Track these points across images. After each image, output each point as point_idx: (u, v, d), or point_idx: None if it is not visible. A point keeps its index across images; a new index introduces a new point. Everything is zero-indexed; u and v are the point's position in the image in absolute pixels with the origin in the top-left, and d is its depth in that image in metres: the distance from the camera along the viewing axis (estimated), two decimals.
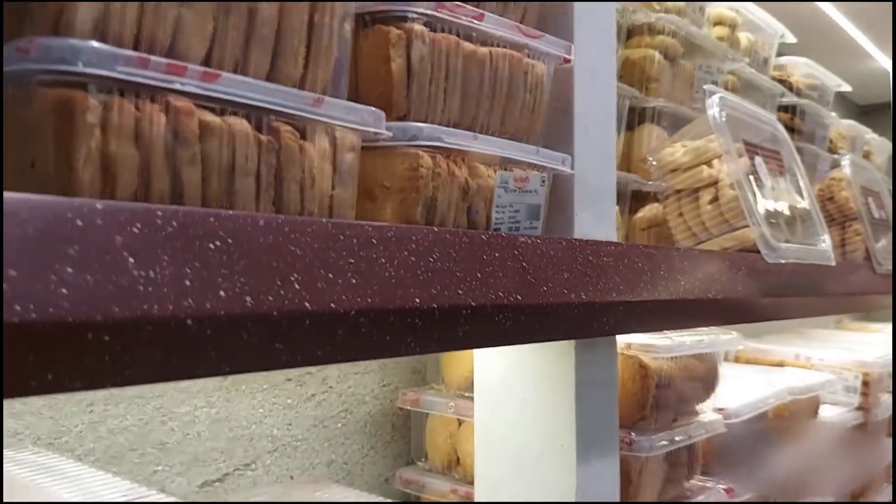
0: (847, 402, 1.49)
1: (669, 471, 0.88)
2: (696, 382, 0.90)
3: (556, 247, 0.65)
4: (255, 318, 0.42)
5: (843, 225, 1.50)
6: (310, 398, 0.92)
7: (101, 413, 0.73)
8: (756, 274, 0.97)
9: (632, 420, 0.82)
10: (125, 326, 0.36)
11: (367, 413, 0.98)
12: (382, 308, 0.49)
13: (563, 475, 0.73)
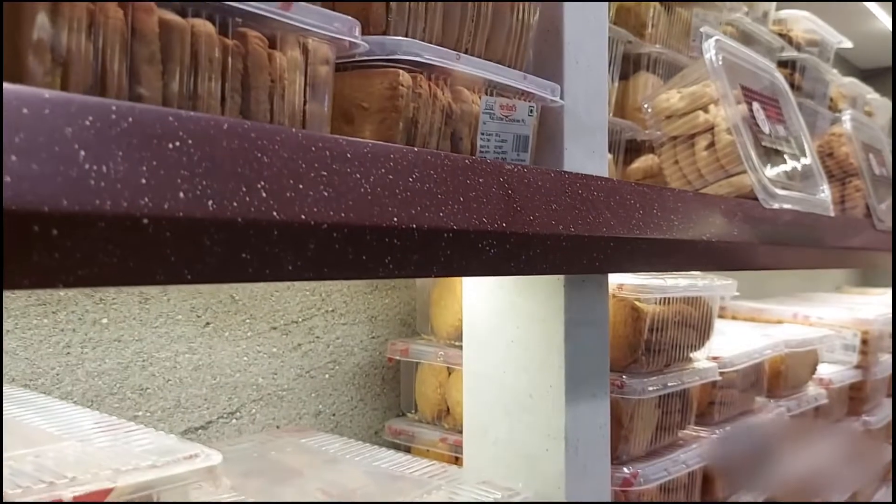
0: (845, 361, 1.47)
1: (662, 418, 0.86)
2: (690, 329, 0.88)
3: (545, 177, 0.63)
4: (219, 223, 0.39)
5: (843, 181, 1.48)
6: (296, 347, 0.90)
7: (78, 356, 0.72)
8: (752, 221, 0.95)
9: (623, 364, 0.80)
10: (75, 221, 0.34)
11: (355, 364, 0.97)
12: (357, 224, 0.46)
13: (552, 416, 0.72)
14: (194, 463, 0.45)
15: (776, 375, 1.16)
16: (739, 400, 1.06)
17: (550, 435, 0.72)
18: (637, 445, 0.82)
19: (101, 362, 0.73)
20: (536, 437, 0.73)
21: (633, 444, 0.81)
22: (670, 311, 0.85)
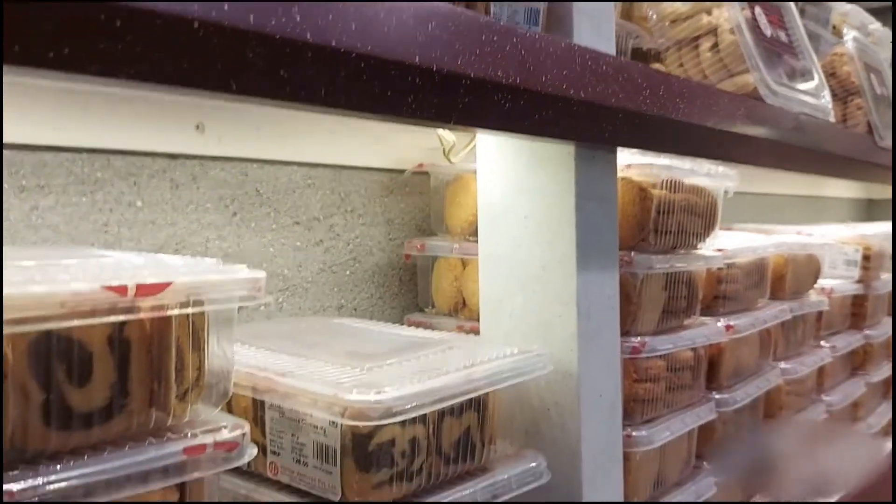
0: (847, 276, 1.51)
1: (669, 302, 0.90)
2: (696, 217, 0.92)
3: (556, 46, 0.66)
4: (259, 37, 0.43)
5: (845, 100, 1.50)
6: (318, 243, 0.94)
7: (115, 234, 0.76)
8: (755, 117, 0.98)
9: (631, 242, 0.84)
10: (136, 15, 0.38)
11: (374, 264, 1.01)
12: (382, 57, 0.50)
13: (564, 285, 0.76)
14: (241, 273, 0.49)
15: (779, 279, 1.20)
16: (743, 297, 1.09)
17: (563, 302, 0.76)
18: (644, 324, 0.86)
19: (138, 242, 0.77)
20: (549, 305, 0.77)
21: (640, 322, 0.85)
22: (677, 197, 0.88)
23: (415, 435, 0.62)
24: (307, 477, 0.62)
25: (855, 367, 1.57)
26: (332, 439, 0.59)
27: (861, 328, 1.54)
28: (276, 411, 0.63)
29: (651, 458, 0.87)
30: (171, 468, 0.45)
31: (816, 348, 1.33)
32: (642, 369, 0.85)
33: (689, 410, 0.93)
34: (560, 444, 0.76)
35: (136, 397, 0.45)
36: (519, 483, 0.69)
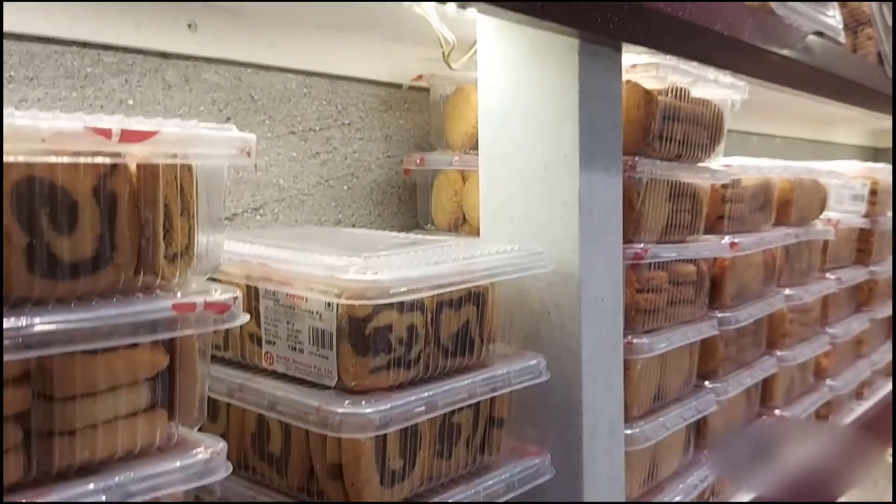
0: (854, 211, 1.49)
1: (673, 215, 0.89)
2: (701, 128, 0.90)
3: None
4: None
5: (855, 31, 1.47)
6: (314, 155, 0.92)
7: None
8: (763, 31, 0.95)
9: (636, 148, 0.82)
10: None
11: (372, 180, 0.99)
12: None
13: (566, 185, 0.74)
14: (230, 132, 0.47)
15: (785, 204, 1.18)
16: (748, 220, 1.08)
17: (565, 203, 0.74)
18: (648, 234, 0.85)
19: None
20: (551, 206, 0.75)
21: (643, 232, 0.84)
22: (682, 104, 0.86)
23: (413, 323, 0.61)
24: (303, 364, 0.61)
25: (859, 305, 1.56)
26: (329, 323, 0.58)
27: (867, 264, 1.52)
28: (271, 299, 0.62)
29: (652, 368, 0.86)
30: (160, 323, 0.43)
31: (821, 279, 1.32)
32: (644, 279, 0.84)
33: (691, 325, 0.92)
34: (560, 347, 0.75)
35: (122, 251, 0.43)
36: (518, 379, 0.68)
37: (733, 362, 1.06)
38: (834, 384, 1.35)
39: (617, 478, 0.80)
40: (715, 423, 1.03)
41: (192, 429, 0.48)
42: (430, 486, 0.64)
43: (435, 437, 0.63)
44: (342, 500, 0.58)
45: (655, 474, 0.90)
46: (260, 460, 0.64)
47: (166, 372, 0.47)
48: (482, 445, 0.68)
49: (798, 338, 1.24)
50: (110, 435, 0.44)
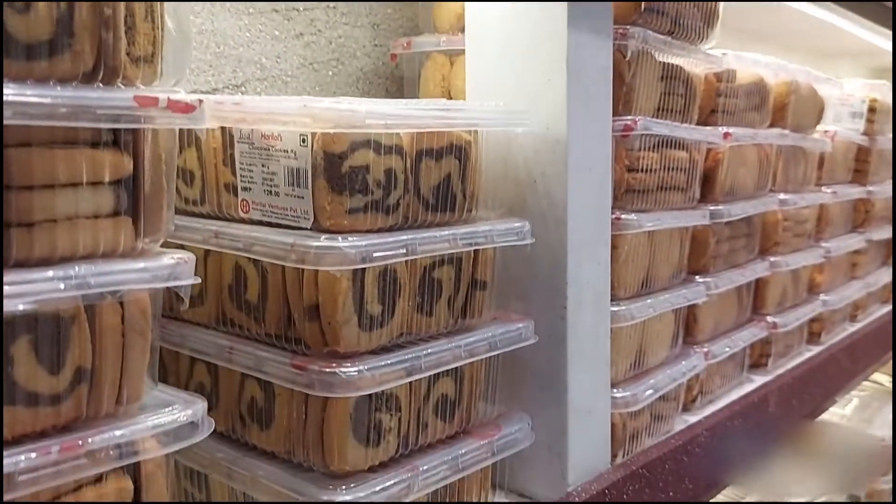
0: (852, 129, 1.47)
1: (665, 98, 0.87)
2: (695, 9, 0.87)
3: None
4: None
5: None
6: (298, 36, 0.90)
7: None
8: None
9: (627, 20, 0.80)
10: None
11: (358, 68, 0.97)
12: None
13: (555, 47, 0.72)
14: None
15: (780, 108, 1.16)
16: (743, 119, 1.06)
17: (553, 67, 0.72)
18: (639, 112, 0.83)
19: None
20: (539, 72, 0.73)
21: (634, 108, 0.82)
22: None
23: (391, 167, 0.59)
24: (279, 208, 0.59)
25: (855, 226, 1.54)
26: (304, 160, 0.57)
27: (863, 184, 1.50)
28: (246, 143, 0.60)
29: (640, 250, 0.85)
30: (122, 115, 0.42)
31: (817, 191, 1.30)
32: (634, 157, 0.82)
33: (682, 211, 0.91)
34: (546, 217, 0.74)
35: (80, 39, 0.41)
36: (501, 238, 0.67)
37: (725, 262, 1.05)
38: (827, 299, 1.34)
39: (602, 354, 0.79)
40: (705, 321, 1.02)
41: (156, 242, 0.47)
42: (410, 339, 0.63)
43: (415, 289, 0.62)
44: (320, 342, 0.58)
45: (642, 362, 0.89)
46: (237, 310, 0.63)
47: (131, 181, 0.46)
48: (464, 308, 0.67)
49: (792, 247, 1.23)
50: (70, 232, 0.42)
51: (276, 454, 0.62)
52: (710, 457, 0.91)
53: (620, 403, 0.81)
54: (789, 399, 1.10)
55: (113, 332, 0.44)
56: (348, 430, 0.58)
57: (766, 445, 1.02)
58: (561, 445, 0.75)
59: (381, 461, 0.61)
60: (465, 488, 0.68)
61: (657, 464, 0.82)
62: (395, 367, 0.59)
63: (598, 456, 0.79)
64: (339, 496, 0.56)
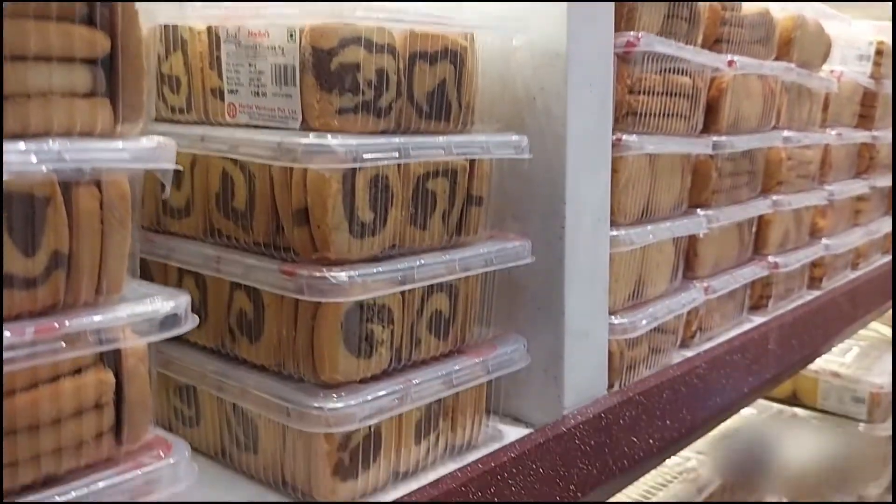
0: (859, 71, 1.44)
1: (667, 21, 0.84)
2: None
3: None
4: None
5: None
6: None
7: None
8: None
9: None
10: None
11: None
12: None
13: None
14: None
15: (786, 43, 1.13)
16: (748, 50, 1.03)
17: None
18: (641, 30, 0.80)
19: None
20: None
21: (637, 27, 0.79)
22: None
23: (383, 66, 0.57)
24: (266, 109, 0.57)
25: (859, 172, 1.52)
26: (291, 56, 0.54)
27: (869, 128, 1.48)
28: (233, 42, 0.58)
29: (641, 175, 0.83)
30: None
31: (821, 132, 1.28)
32: (636, 78, 0.80)
33: (685, 138, 0.88)
34: (545, 134, 0.72)
35: None
36: (498, 150, 0.65)
37: (727, 198, 1.03)
38: (829, 243, 1.32)
39: (601, 279, 0.77)
40: (705, 256, 1.00)
41: (135, 127, 0.45)
42: (403, 251, 0.61)
43: (408, 200, 0.60)
44: (309, 248, 0.56)
45: (641, 293, 0.88)
46: (225, 219, 0.61)
47: (108, 61, 0.44)
48: (459, 224, 0.65)
49: (795, 188, 1.21)
50: (44, 108, 0.40)
51: (267, 367, 0.61)
52: (708, 389, 0.90)
53: (618, 330, 0.80)
54: (789, 338, 1.09)
55: (90, 216, 0.43)
56: (339, 339, 0.57)
57: (765, 382, 1.01)
58: (557, 369, 0.74)
59: (374, 374, 0.60)
60: (458, 408, 0.67)
61: (655, 392, 0.81)
62: (387, 276, 0.57)
63: (595, 382, 0.78)
64: (330, 403, 0.55)
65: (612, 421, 0.75)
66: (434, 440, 0.66)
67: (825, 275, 1.36)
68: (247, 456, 0.63)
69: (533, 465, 0.66)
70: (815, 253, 1.28)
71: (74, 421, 0.43)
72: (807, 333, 1.14)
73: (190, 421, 0.67)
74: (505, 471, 0.63)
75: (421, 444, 0.65)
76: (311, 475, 0.58)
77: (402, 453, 0.63)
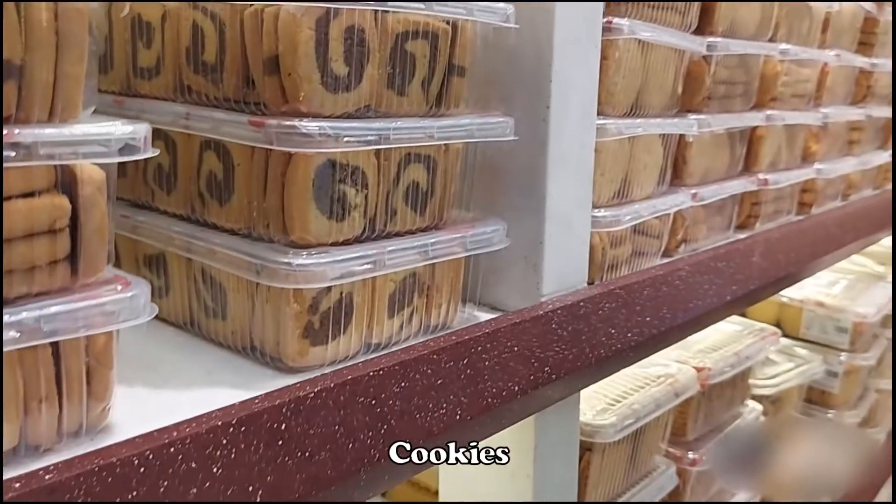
0: None
1: None
2: None
3: None
4: None
5: None
6: None
7: None
8: None
9: None
10: None
11: None
12: None
13: None
14: None
15: None
16: None
17: None
18: None
19: None
20: None
21: None
22: None
23: None
24: None
25: (855, 101, 1.50)
26: None
27: (868, 56, 1.45)
28: None
29: (632, 66, 0.80)
30: None
31: (819, 51, 1.25)
32: None
33: (680, 32, 0.86)
34: (533, 6, 0.69)
35: None
36: (481, 14, 0.62)
37: (720, 106, 1.01)
38: (821, 167, 1.31)
39: (586, 167, 0.75)
40: (695, 164, 0.98)
41: None
42: (380, 114, 0.59)
43: (385, 59, 0.58)
44: (279, 99, 0.54)
45: (627, 192, 0.86)
46: (195, 75, 0.59)
47: None
48: (440, 95, 0.63)
49: (789, 106, 1.19)
50: None
51: (237, 231, 0.59)
52: (690, 291, 0.89)
53: (601, 223, 0.78)
54: (775, 253, 1.08)
55: (43, 29, 0.40)
56: (310, 197, 0.55)
57: (749, 293, 1.00)
58: (537, 256, 0.72)
59: (346, 240, 0.58)
60: (434, 286, 0.66)
61: (636, 288, 0.80)
62: (360, 132, 0.55)
63: (575, 274, 0.77)
64: (300, 259, 0.54)
65: (590, 310, 0.74)
66: (408, 316, 0.65)
67: (815, 202, 1.35)
68: (215, 323, 0.62)
69: (508, 343, 0.65)
70: (806, 175, 1.26)
71: (25, 243, 0.41)
72: (793, 251, 1.13)
73: (159, 291, 0.66)
74: (479, 344, 0.62)
75: (394, 319, 0.63)
76: (279, 338, 0.57)
77: (375, 325, 0.62)
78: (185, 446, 0.43)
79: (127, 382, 0.53)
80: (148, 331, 0.65)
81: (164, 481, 0.42)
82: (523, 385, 0.66)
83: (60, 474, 0.39)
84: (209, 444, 0.44)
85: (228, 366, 0.59)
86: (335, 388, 0.51)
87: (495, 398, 0.63)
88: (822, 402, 1.55)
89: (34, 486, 0.38)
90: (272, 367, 0.58)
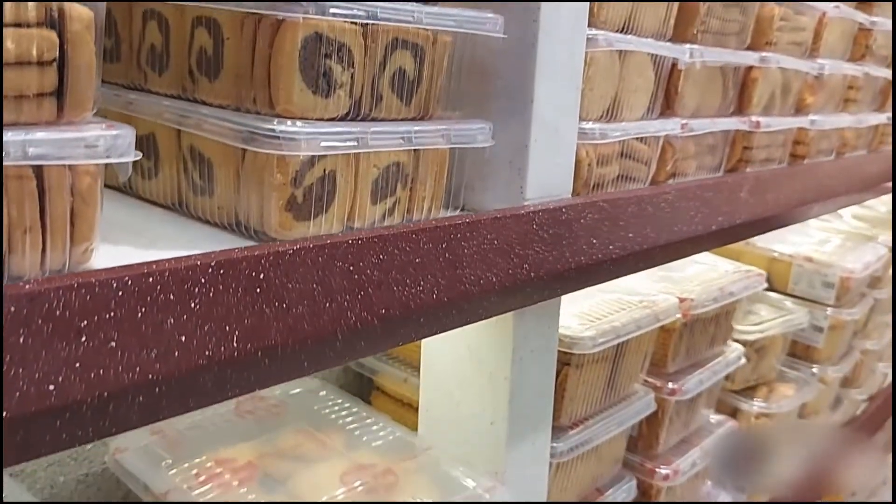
0: None
1: None
2: None
3: None
4: None
5: None
6: None
7: None
8: None
9: None
10: None
11: None
12: None
13: None
14: None
15: None
16: None
17: None
18: None
19: None
20: None
21: None
22: None
23: None
24: None
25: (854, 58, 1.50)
26: None
27: (870, 13, 1.45)
28: None
29: None
30: None
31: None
32: None
33: None
34: None
35: None
36: None
37: (714, 41, 1.02)
38: (815, 119, 1.31)
39: (575, 74, 0.76)
40: (686, 96, 0.99)
41: None
42: None
43: None
44: None
45: (617, 114, 0.87)
46: None
47: None
48: None
49: (785, 53, 1.19)
50: None
51: (225, 107, 0.61)
52: (675, 215, 0.90)
53: (588, 135, 0.80)
54: (764, 192, 1.09)
55: None
56: (295, 69, 0.56)
57: (736, 227, 1.01)
58: (522, 160, 0.73)
59: (332, 117, 0.59)
60: (418, 178, 0.67)
61: (621, 203, 0.81)
62: (347, 9, 0.56)
63: (560, 183, 0.78)
64: (284, 126, 0.55)
65: (572, 217, 0.75)
66: (391, 206, 0.66)
67: (807, 155, 1.36)
68: (202, 200, 0.63)
69: (488, 236, 0.66)
70: (800, 122, 1.27)
71: (14, 70, 0.42)
72: (782, 194, 1.14)
73: (149, 172, 0.67)
74: (459, 232, 0.64)
75: (377, 207, 0.65)
76: (263, 211, 0.58)
77: (357, 209, 0.63)
78: (163, 278, 0.45)
79: (112, 242, 0.54)
80: (137, 210, 0.67)
81: (142, 307, 0.44)
82: (501, 277, 0.67)
83: (39, 286, 0.40)
84: (187, 280, 0.46)
85: (214, 238, 0.60)
86: (314, 249, 0.53)
87: (473, 285, 0.65)
88: (806, 357, 1.57)
89: (11, 293, 0.39)
90: (256, 241, 0.59)
